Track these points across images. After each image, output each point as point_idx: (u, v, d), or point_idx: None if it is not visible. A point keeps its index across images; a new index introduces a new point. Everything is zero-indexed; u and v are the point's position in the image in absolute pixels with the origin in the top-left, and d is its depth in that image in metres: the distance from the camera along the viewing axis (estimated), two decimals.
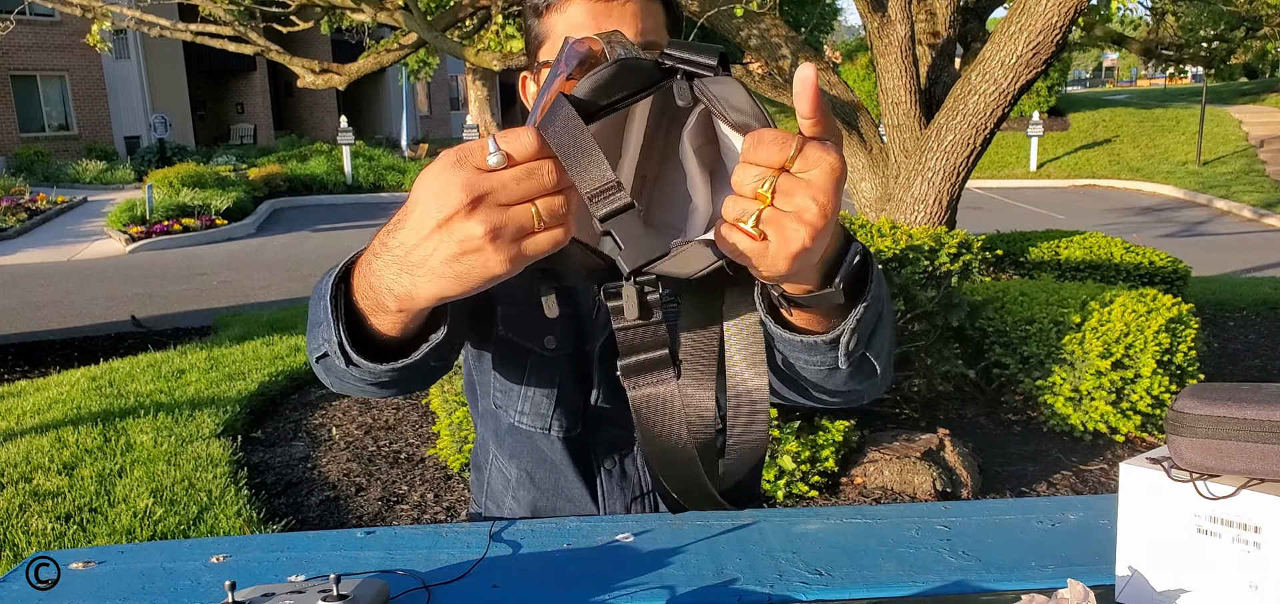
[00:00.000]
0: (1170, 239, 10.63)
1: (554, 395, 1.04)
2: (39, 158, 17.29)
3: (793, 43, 4.68)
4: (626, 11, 0.90)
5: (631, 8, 0.90)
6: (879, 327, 0.80)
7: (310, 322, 0.83)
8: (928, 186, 4.16)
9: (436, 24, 5.06)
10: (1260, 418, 0.71)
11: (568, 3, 0.91)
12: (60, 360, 5.24)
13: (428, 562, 0.93)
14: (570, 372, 1.03)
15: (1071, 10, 3.51)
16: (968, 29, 5.59)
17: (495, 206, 0.58)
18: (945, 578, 0.87)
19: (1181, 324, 3.50)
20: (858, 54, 19.29)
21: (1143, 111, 20.89)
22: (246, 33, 5.49)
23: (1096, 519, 0.98)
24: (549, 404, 1.05)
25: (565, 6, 0.91)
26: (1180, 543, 0.75)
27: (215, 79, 25.77)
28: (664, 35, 0.94)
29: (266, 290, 7.78)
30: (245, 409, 3.88)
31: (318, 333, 0.79)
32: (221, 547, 0.98)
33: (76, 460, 3.29)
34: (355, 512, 3.00)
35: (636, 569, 0.90)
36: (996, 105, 3.85)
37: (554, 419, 1.05)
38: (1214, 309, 5.59)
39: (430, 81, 27.54)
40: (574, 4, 0.90)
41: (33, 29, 19.19)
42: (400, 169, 16.78)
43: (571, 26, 0.90)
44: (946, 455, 3.06)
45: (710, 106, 0.68)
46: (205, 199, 12.09)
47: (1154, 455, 0.79)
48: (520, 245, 0.59)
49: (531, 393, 1.05)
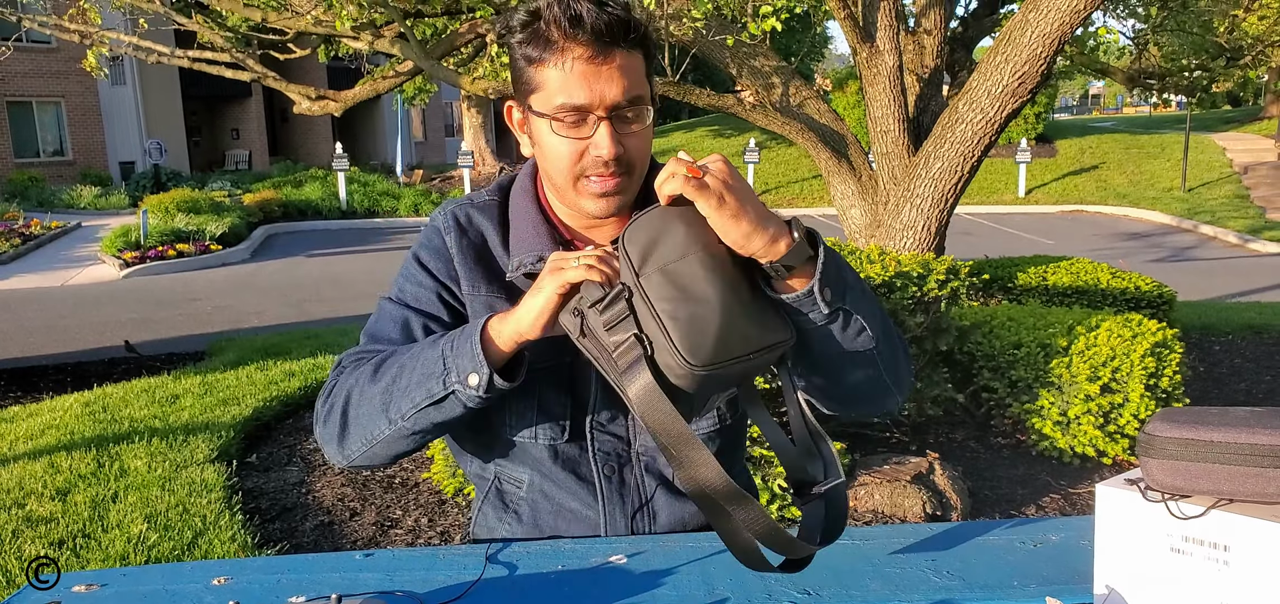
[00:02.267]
0: (1157, 264, 10.73)
1: (536, 406, 1.08)
2: (34, 183, 17.27)
3: (783, 72, 4.75)
4: (615, 72, 0.96)
5: (618, 66, 0.96)
6: (847, 283, 0.93)
7: (416, 375, 0.98)
8: (916, 213, 4.21)
9: (432, 52, 5.12)
10: (1226, 440, 0.74)
11: (561, 59, 0.96)
12: (54, 385, 5.22)
13: (425, 583, 0.95)
14: (551, 383, 1.07)
15: (1056, 41, 3.58)
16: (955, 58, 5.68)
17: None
18: (930, 597, 0.89)
19: (1167, 348, 3.54)
20: (847, 82, 19.48)
21: (1129, 138, 21.13)
22: (243, 59, 5.53)
23: (1077, 540, 1.01)
24: (532, 415, 1.09)
25: (560, 62, 0.96)
26: (1155, 561, 0.78)
27: (211, 105, 25.82)
28: (645, 85, 0.99)
29: (261, 315, 7.77)
30: (240, 434, 3.88)
31: (429, 383, 0.96)
32: (223, 569, 0.99)
33: (70, 486, 3.28)
34: (350, 536, 3.00)
35: (630, 590, 0.92)
36: (984, 133, 3.91)
37: (538, 428, 1.09)
38: (1200, 333, 5.65)
39: (425, 108, 27.66)
40: (567, 62, 0.96)
41: (29, 55, 19.22)
42: (395, 195, 16.81)
43: (565, 83, 0.96)
44: (936, 479, 3.08)
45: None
46: (200, 224, 12.09)
47: (1130, 477, 0.82)
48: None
49: (514, 405, 1.08)
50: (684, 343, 0.82)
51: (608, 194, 1.00)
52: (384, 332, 1.08)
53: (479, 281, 1.07)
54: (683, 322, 0.82)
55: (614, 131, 0.97)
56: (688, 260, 0.85)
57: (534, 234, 1.06)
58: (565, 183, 1.01)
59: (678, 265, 0.84)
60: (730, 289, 0.85)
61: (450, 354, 0.95)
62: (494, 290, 1.07)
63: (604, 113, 0.96)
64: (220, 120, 26.47)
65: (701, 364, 0.82)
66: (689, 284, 0.84)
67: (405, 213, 16.13)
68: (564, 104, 0.96)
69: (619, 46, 0.96)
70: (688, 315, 0.82)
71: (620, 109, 0.97)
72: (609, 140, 0.97)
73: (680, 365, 0.82)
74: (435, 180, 19.67)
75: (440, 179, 19.88)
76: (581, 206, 1.02)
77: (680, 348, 0.82)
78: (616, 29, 0.95)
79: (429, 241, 1.11)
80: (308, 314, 7.78)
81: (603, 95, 0.96)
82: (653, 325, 0.83)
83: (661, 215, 0.87)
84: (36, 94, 20.06)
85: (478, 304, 1.07)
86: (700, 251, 0.85)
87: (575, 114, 0.97)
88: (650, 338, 0.84)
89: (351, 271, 10.53)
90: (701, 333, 0.82)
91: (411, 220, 15.80)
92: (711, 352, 0.82)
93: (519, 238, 1.07)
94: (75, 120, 20.76)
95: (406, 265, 1.11)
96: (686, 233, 0.86)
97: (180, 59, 5.79)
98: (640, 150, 1.01)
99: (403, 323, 1.07)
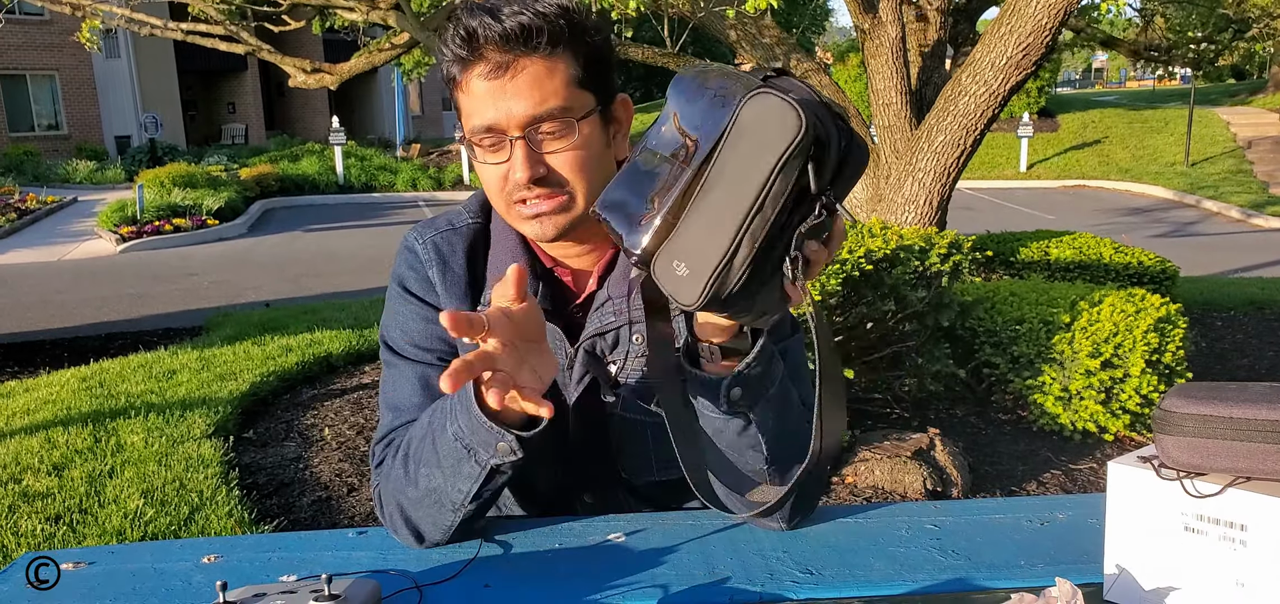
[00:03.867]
0: (1160, 239, 10.70)
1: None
2: (29, 157, 17.16)
3: (784, 45, 4.69)
4: (521, 84, 0.88)
5: (526, 78, 0.88)
6: (767, 387, 0.85)
7: (448, 470, 0.89)
8: (918, 187, 4.18)
9: (429, 23, 5.05)
10: (1246, 417, 0.72)
11: (467, 80, 0.90)
12: (50, 361, 5.20)
13: (420, 561, 0.93)
14: (545, 425, 1.04)
15: (1061, 12, 3.53)
16: (958, 30, 5.61)
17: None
18: (935, 577, 0.87)
19: (1170, 324, 3.52)
20: (849, 55, 19.32)
21: (1132, 113, 21.00)
22: (238, 32, 5.47)
23: (1085, 518, 0.99)
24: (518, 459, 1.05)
25: (465, 85, 0.90)
26: (1168, 541, 0.76)
27: (207, 78, 25.64)
28: (572, 92, 0.90)
29: (258, 290, 7.74)
30: (237, 409, 3.87)
31: (465, 469, 0.88)
32: (213, 547, 0.97)
33: (66, 461, 3.27)
34: (347, 512, 2.99)
35: (629, 568, 0.90)
36: (987, 106, 3.87)
37: (532, 471, 1.05)
38: (1202, 309, 5.63)
39: (423, 82, 27.48)
40: (472, 81, 0.90)
41: (22, 28, 19.05)
42: (392, 169, 16.73)
43: (473, 105, 0.90)
44: (937, 455, 3.07)
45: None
46: (196, 199, 12.03)
47: (1142, 454, 0.80)
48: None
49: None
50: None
51: (540, 215, 0.92)
52: (404, 399, 1.00)
53: None
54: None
55: (529, 151, 0.88)
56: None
57: (511, 261, 0.98)
58: (502, 210, 0.95)
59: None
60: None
61: (466, 435, 0.86)
62: None
63: (517, 132, 0.88)
64: (216, 94, 26.30)
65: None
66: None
67: (402, 187, 16.06)
68: (477, 126, 0.90)
69: (527, 55, 0.87)
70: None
71: (535, 125, 0.88)
72: (522, 161, 0.88)
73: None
74: (433, 155, 19.56)
75: (438, 153, 19.77)
76: (522, 231, 0.96)
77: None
78: (515, 37, 0.86)
79: (414, 271, 1.03)
80: (305, 289, 7.76)
81: (510, 112, 0.88)
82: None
83: None
84: (31, 67, 19.91)
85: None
86: None
87: (490, 136, 0.90)
88: None
89: (348, 246, 10.49)
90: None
91: (408, 195, 15.74)
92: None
93: (496, 266, 1.01)
94: (70, 94, 20.62)
95: (397, 304, 1.04)
96: None
97: (174, 31, 5.72)
98: (573, 165, 0.91)
99: (421, 380, 1.00)
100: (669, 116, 0.77)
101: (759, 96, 0.70)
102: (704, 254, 0.71)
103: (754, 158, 0.70)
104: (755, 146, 0.70)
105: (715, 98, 0.74)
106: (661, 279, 0.74)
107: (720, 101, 0.74)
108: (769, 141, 0.69)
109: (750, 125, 0.70)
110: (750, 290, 0.73)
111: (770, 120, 0.69)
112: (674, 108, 0.77)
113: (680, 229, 0.73)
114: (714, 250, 0.71)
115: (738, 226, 0.70)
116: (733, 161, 0.71)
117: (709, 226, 0.72)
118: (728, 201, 0.71)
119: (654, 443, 1.02)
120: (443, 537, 0.95)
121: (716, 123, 0.73)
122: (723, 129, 0.72)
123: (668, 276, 0.73)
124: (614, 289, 0.99)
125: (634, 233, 0.75)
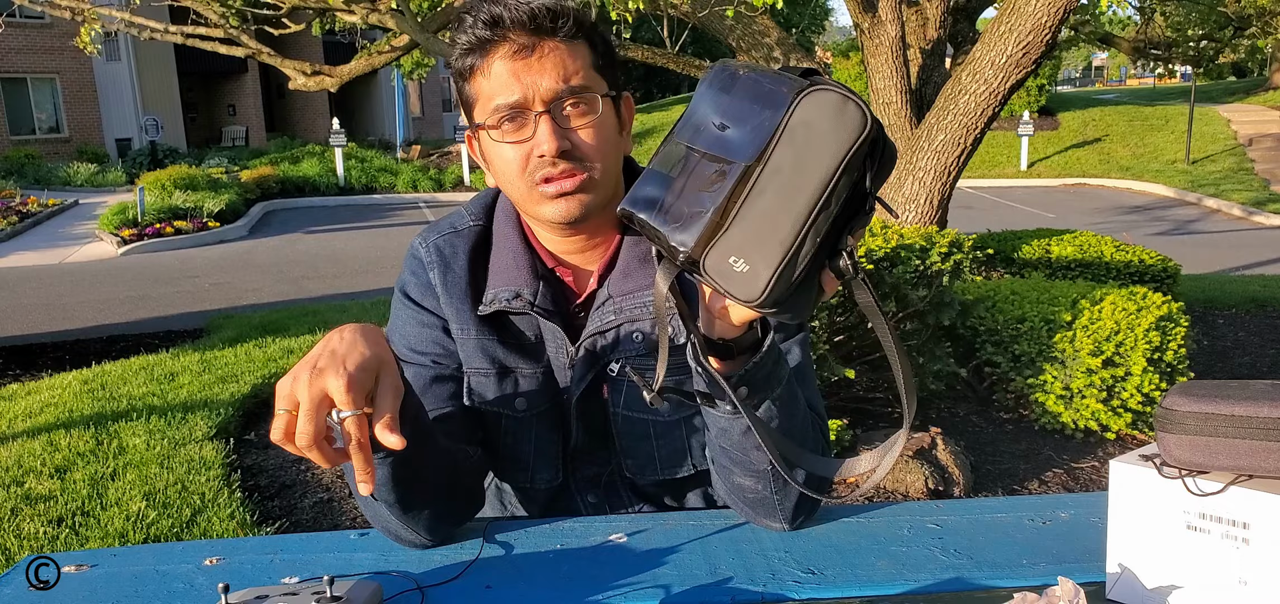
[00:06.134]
0: (1161, 237, 10.69)
1: (531, 451, 1.04)
2: (30, 160, 17.17)
3: (784, 44, 4.69)
4: (547, 63, 0.90)
5: (552, 57, 0.90)
6: (773, 385, 0.84)
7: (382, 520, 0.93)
8: (919, 186, 4.18)
9: (428, 25, 5.05)
10: (1248, 414, 0.71)
11: (489, 64, 0.91)
12: (52, 363, 5.21)
13: (422, 563, 0.93)
14: (546, 426, 1.03)
15: (1061, 10, 3.53)
16: (958, 29, 5.61)
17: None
18: (937, 576, 0.87)
19: (1171, 322, 3.52)
20: (849, 54, 19.32)
21: (1132, 110, 20.98)
22: (238, 35, 5.47)
23: (1087, 517, 0.99)
24: (528, 459, 1.05)
25: (487, 68, 0.91)
26: (1170, 539, 0.76)
27: (207, 81, 25.64)
28: (593, 76, 0.93)
29: (259, 292, 7.75)
30: (238, 411, 3.87)
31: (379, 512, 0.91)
32: (215, 549, 0.97)
33: (68, 464, 3.27)
34: (349, 514, 2.99)
35: (631, 569, 0.90)
36: (987, 105, 3.87)
37: (534, 472, 1.05)
38: (1204, 307, 5.62)
39: (423, 83, 27.47)
40: (495, 63, 0.90)
41: (23, 31, 19.07)
42: (393, 170, 16.73)
43: (496, 85, 0.90)
44: (939, 454, 3.07)
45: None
46: (197, 201, 12.04)
47: (1145, 453, 0.80)
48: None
49: (509, 452, 1.05)
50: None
51: (565, 194, 0.91)
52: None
53: (467, 322, 1.00)
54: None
55: (555, 125, 0.90)
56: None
57: (513, 264, 0.99)
58: (522, 195, 0.94)
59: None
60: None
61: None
62: (484, 331, 1.00)
63: (542, 106, 0.90)
64: (216, 96, 26.30)
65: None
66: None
67: (403, 189, 16.05)
68: (499, 105, 0.90)
69: (550, 36, 0.90)
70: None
71: (560, 100, 0.90)
72: (549, 134, 0.89)
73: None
74: (433, 156, 19.55)
75: (438, 154, 19.77)
76: (543, 215, 0.94)
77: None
78: (542, 18, 0.89)
79: (416, 276, 1.03)
80: (305, 291, 7.76)
81: (536, 87, 0.89)
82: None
83: None
84: (31, 70, 19.92)
85: (469, 346, 1.01)
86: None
87: (512, 113, 0.90)
88: None
89: (349, 248, 10.49)
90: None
91: (409, 196, 15.74)
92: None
93: (498, 267, 1.00)
94: (71, 97, 20.63)
95: (399, 310, 1.04)
96: None
97: (174, 35, 5.73)
98: (595, 144, 0.92)
99: (415, 382, 0.99)
100: (702, 111, 0.76)
101: (818, 92, 0.70)
102: (766, 250, 0.71)
103: (817, 154, 0.70)
104: (817, 142, 0.70)
105: (754, 93, 0.74)
106: (717, 276, 0.73)
107: (761, 97, 0.73)
108: (832, 138, 0.70)
109: (809, 121, 0.70)
110: (806, 286, 0.73)
111: (831, 116, 0.70)
112: (708, 101, 0.76)
113: (735, 226, 0.72)
114: (777, 246, 0.71)
115: (803, 222, 0.70)
116: (791, 157, 0.71)
117: (770, 222, 0.71)
118: (788, 197, 0.71)
119: (657, 440, 1.02)
120: (413, 539, 0.95)
121: (761, 118, 0.72)
122: (776, 125, 0.71)
123: (724, 273, 0.72)
124: (615, 288, 0.99)
125: (678, 230, 0.72)
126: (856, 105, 0.69)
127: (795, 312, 0.76)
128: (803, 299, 0.75)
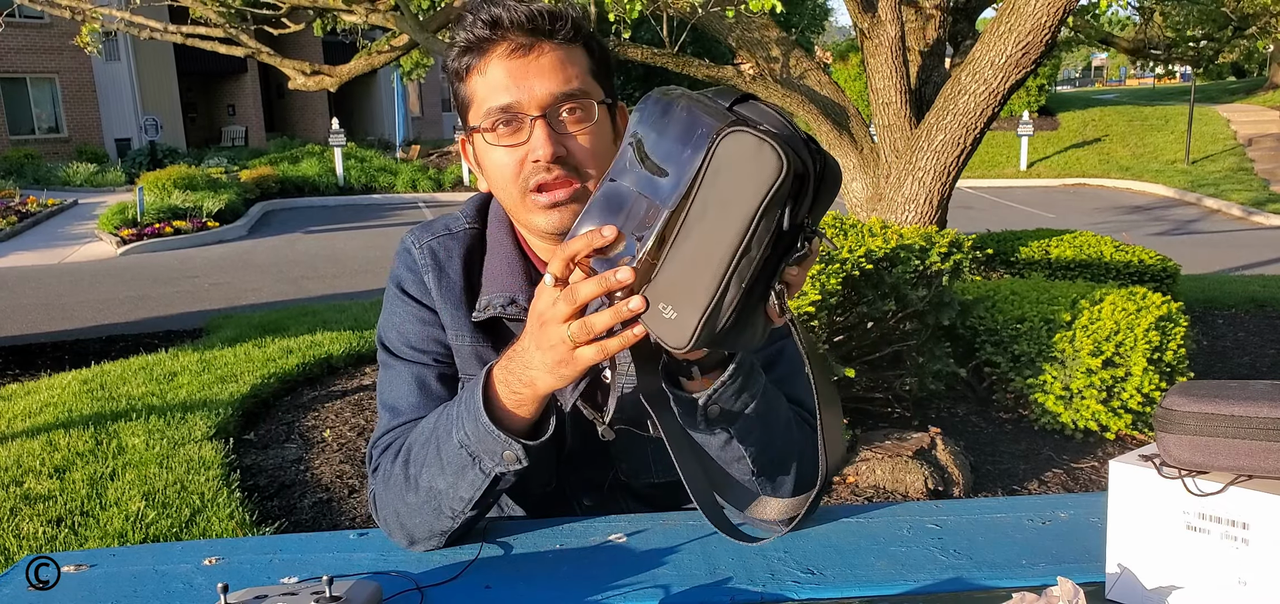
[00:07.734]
0: (1160, 238, 10.69)
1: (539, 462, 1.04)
2: (29, 160, 17.16)
3: (784, 44, 4.69)
4: (544, 66, 0.89)
5: (549, 60, 0.89)
6: (746, 403, 0.86)
7: (449, 476, 0.90)
8: (918, 186, 4.18)
9: (428, 25, 5.05)
10: (1248, 415, 0.71)
11: (485, 64, 0.90)
12: (51, 363, 5.20)
13: (421, 562, 0.93)
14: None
15: (1061, 10, 3.53)
16: (957, 29, 5.61)
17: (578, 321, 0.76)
18: (937, 576, 0.87)
19: (1171, 322, 3.52)
20: (849, 55, 19.30)
21: (1132, 111, 20.98)
22: (237, 35, 5.47)
23: (1087, 517, 0.99)
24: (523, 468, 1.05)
25: (484, 68, 0.90)
26: (1170, 539, 0.75)
27: (206, 81, 25.63)
28: (590, 82, 0.92)
29: (258, 292, 7.74)
30: (237, 412, 3.86)
31: (468, 476, 0.89)
32: (214, 549, 0.97)
33: (68, 464, 3.27)
34: (349, 513, 2.99)
35: (630, 569, 0.90)
36: (987, 105, 3.87)
37: (528, 478, 1.05)
38: (1203, 307, 5.62)
39: (422, 82, 27.46)
40: (492, 64, 0.90)
41: (22, 31, 19.05)
42: (392, 170, 16.72)
43: (492, 87, 0.90)
44: (938, 454, 3.07)
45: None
46: (197, 201, 12.03)
47: (1144, 453, 0.79)
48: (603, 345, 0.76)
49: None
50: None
51: (558, 204, 0.90)
52: (402, 400, 1.00)
53: (462, 328, 1.00)
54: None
55: (550, 130, 0.89)
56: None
57: (506, 270, 0.99)
58: (514, 201, 0.93)
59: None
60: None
61: (472, 442, 0.87)
62: (479, 337, 1.00)
63: (537, 110, 0.89)
64: (216, 96, 26.29)
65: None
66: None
67: (402, 189, 16.05)
68: (493, 108, 0.90)
69: (548, 40, 0.89)
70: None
71: (556, 105, 0.89)
72: (545, 139, 0.88)
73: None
74: (433, 155, 19.55)
75: (438, 154, 19.76)
76: (535, 225, 0.93)
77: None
78: (540, 22, 0.89)
79: (411, 271, 1.02)
80: (305, 291, 7.75)
81: (532, 91, 0.89)
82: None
83: None
84: (31, 70, 19.92)
85: (464, 352, 1.00)
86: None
87: (506, 116, 0.90)
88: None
89: (349, 248, 10.49)
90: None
91: (408, 196, 15.74)
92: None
93: (491, 272, 1.00)
94: (70, 97, 20.62)
95: (394, 306, 1.03)
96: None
97: (174, 35, 5.72)
98: (589, 151, 0.91)
99: (417, 381, 1.00)
100: (633, 145, 0.75)
101: (735, 134, 0.68)
102: (691, 297, 0.70)
103: (734, 198, 0.68)
104: (735, 186, 0.68)
105: (681, 132, 0.72)
106: (648, 322, 0.72)
107: (690, 131, 0.71)
108: (748, 183, 0.67)
109: (727, 163, 0.68)
110: (738, 327, 0.72)
111: (746, 161, 0.67)
112: (640, 135, 0.75)
113: (662, 272, 0.71)
114: (702, 292, 0.69)
115: (724, 269, 0.68)
116: (713, 200, 0.69)
117: (694, 268, 0.70)
118: (711, 243, 0.69)
119: (651, 446, 1.02)
120: (437, 542, 0.95)
121: (687, 156, 0.71)
122: (698, 165, 0.69)
123: (655, 319, 0.72)
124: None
125: (613, 269, 0.73)
126: (771, 149, 0.66)
127: (736, 348, 0.76)
128: (743, 336, 0.74)
